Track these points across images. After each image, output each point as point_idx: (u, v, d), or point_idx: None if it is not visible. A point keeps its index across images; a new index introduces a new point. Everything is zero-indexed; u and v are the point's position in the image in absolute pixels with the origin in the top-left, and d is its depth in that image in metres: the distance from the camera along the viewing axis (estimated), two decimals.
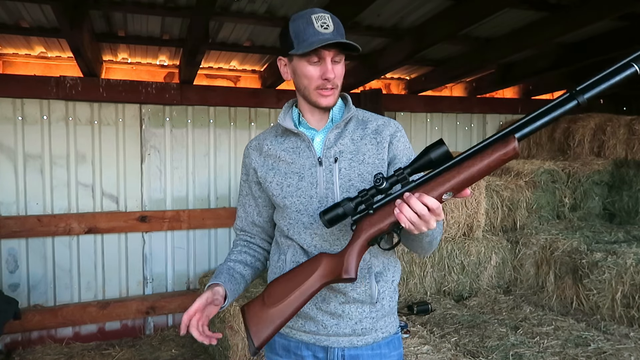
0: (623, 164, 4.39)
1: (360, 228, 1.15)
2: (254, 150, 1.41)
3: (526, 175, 4.19)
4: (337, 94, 1.31)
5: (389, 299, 1.32)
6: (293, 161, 1.32)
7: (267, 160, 1.36)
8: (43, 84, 3.73)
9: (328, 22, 1.22)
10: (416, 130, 5.12)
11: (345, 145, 1.31)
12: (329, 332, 1.29)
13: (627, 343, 2.77)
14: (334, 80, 1.26)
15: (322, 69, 1.24)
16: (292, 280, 1.17)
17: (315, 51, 1.22)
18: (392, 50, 3.85)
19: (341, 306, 1.28)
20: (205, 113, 4.31)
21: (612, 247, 3.47)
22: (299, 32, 1.23)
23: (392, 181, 1.11)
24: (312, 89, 1.28)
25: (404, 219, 1.05)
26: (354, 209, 1.14)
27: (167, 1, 2.97)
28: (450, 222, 3.63)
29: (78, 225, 3.87)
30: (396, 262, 1.37)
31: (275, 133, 1.39)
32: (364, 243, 1.15)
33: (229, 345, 2.96)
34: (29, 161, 3.79)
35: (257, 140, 1.43)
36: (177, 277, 4.28)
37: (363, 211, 1.15)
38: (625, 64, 0.99)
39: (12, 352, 3.65)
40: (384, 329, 1.33)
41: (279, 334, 1.35)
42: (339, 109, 1.37)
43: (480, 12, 2.98)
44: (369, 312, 1.29)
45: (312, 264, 1.18)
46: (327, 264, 1.17)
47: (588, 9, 3.08)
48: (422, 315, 3.18)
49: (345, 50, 1.26)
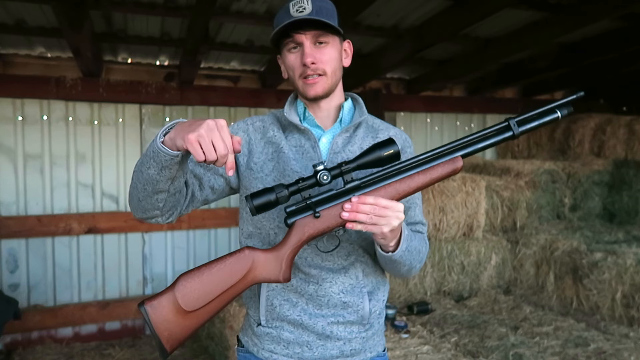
0: (623, 164, 4.39)
1: (299, 227, 1.04)
2: (256, 131, 1.24)
3: (526, 175, 4.19)
4: (325, 81, 1.17)
5: (378, 317, 1.24)
6: (295, 159, 1.18)
7: (268, 147, 1.21)
8: (43, 84, 3.72)
9: (305, 4, 1.10)
10: (416, 130, 5.12)
11: (354, 153, 1.18)
12: (314, 354, 1.17)
13: (627, 343, 2.77)
14: (316, 66, 1.13)
15: (300, 55, 1.14)
16: (216, 281, 1.01)
17: (290, 36, 1.13)
18: (392, 50, 3.85)
19: (330, 326, 1.17)
20: (205, 113, 4.31)
21: (612, 247, 3.47)
22: (276, 22, 1.15)
23: (334, 174, 1.02)
24: (297, 78, 1.17)
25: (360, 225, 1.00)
26: (287, 197, 1.02)
27: (167, 1, 2.97)
28: (450, 222, 3.63)
29: (78, 225, 3.87)
30: (385, 281, 1.27)
31: (280, 124, 1.25)
32: (301, 244, 1.05)
33: (229, 346, 2.96)
34: (29, 161, 3.79)
35: (262, 121, 1.26)
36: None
37: (303, 208, 1.04)
38: (549, 109, 1.10)
39: (12, 352, 3.65)
40: (373, 349, 1.24)
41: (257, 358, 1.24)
42: (349, 110, 1.26)
43: (480, 12, 2.98)
44: (358, 332, 1.19)
45: (239, 261, 1.03)
46: (260, 262, 1.04)
47: (588, 9, 3.08)
48: (422, 315, 3.18)
49: (322, 30, 1.13)
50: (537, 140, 5.20)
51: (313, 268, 1.17)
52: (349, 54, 1.25)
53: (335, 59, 1.18)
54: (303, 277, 1.17)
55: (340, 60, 1.21)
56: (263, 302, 1.19)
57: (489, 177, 4.15)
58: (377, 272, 1.24)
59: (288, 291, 1.18)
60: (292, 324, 1.18)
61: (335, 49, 1.17)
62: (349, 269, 1.18)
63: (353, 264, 1.18)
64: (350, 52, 1.26)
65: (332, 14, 1.16)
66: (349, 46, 1.25)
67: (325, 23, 1.11)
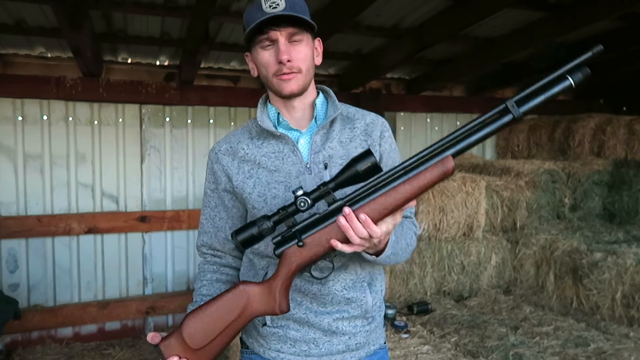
0: (623, 164, 4.39)
1: (287, 258, 1.04)
2: (225, 154, 1.22)
3: (526, 175, 4.19)
4: (300, 79, 1.14)
5: (378, 310, 1.27)
6: (276, 168, 1.16)
7: (242, 166, 1.19)
8: (43, 84, 3.72)
9: (278, 1, 1.08)
10: (416, 130, 5.12)
11: (334, 149, 1.18)
12: (321, 350, 1.19)
13: (627, 343, 2.77)
14: (292, 64, 1.11)
15: (275, 52, 1.11)
16: (216, 318, 1.05)
17: (264, 33, 1.11)
18: (392, 50, 3.85)
19: (335, 323, 1.18)
20: (205, 113, 4.31)
21: (612, 247, 3.47)
22: (248, 18, 1.13)
23: (314, 197, 1.01)
24: (270, 76, 1.15)
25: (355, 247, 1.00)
26: (271, 228, 1.03)
27: (167, 1, 2.97)
28: (450, 222, 3.63)
29: (78, 225, 3.87)
30: (380, 271, 1.29)
31: (250, 134, 1.22)
32: (291, 274, 1.05)
33: (229, 345, 2.96)
34: (29, 161, 3.79)
35: (228, 143, 1.24)
36: (177, 277, 4.28)
37: (288, 238, 1.04)
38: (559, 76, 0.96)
39: (12, 352, 3.65)
40: (375, 342, 1.27)
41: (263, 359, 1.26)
42: (322, 106, 1.23)
43: (480, 12, 2.99)
44: (362, 326, 1.22)
45: (237, 298, 1.06)
46: (256, 297, 1.06)
47: (588, 9, 3.09)
48: (422, 315, 3.18)
49: (297, 26, 1.11)
50: (537, 140, 5.20)
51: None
52: (319, 52, 1.23)
53: (310, 57, 1.16)
54: (307, 277, 1.16)
55: (313, 59, 1.19)
56: None
57: (489, 177, 4.15)
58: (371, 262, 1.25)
59: (292, 291, 1.18)
60: (297, 322, 1.19)
61: (308, 47, 1.16)
62: (348, 265, 1.20)
63: (351, 259, 1.20)
64: (321, 50, 1.23)
65: (305, 10, 1.14)
66: (319, 44, 1.23)
67: (300, 19, 1.10)
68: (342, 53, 4.07)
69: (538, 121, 5.26)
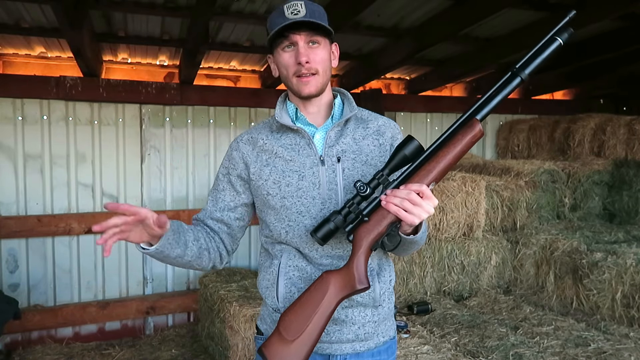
0: (623, 164, 4.39)
1: (359, 237, 1.14)
2: (246, 143, 1.32)
3: (526, 175, 4.18)
4: (319, 80, 1.24)
5: (388, 300, 1.31)
6: (292, 159, 1.25)
7: (261, 155, 1.28)
8: (43, 84, 3.73)
9: (300, 8, 1.19)
10: (416, 130, 5.12)
11: (348, 144, 1.27)
12: (331, 339, 1.25)
13: (627, 343, 2.77)
14: (310, 65, 1.21)
15: (295, 54, 1.21)
16: (306, 307, 1.14)
17: (285, 36, 1.20)
18: (392, 50, 3.85)
19: (344, 311, 1.24)
20: (205, 113, 4.31)
21: (612, 247, 3.47)
22: (272, 23, 1.22)
23: (373, 185, 1.12)
24: (290, 77, 1.24)
25: (394, 208, 1.07)
26: (343, 220, 1.14)
27: (167, 1, 2.97)
28: (450, 222, 3.63)
29: (78, 225, 3.87)
30: (389, 261, 1.35)
31: (270, 129, 1.31)
32: (367, 250, 1.14)
33: (228, 346, 2.96)
34: (29, 161, 3.79)
35: (250, 134, 1.34)
36: (177, 277, 4.28)
37: (355, 220, 1.14)
38: (550, 39, 1.18)
39: (12, 352, 3.65)
40: (384, 333, 1.32)
41: None
42: (339, 106, 1.33)
43: (480, 12, 2.99)
44: (372, 316, 1.27)
45: (320, 285, 1.15)
46: (337, 280, 1.15)
47: (588, 9, 3.08)
48: (422, 315, 3.18)
49: (315, 31, 1.21)
50: (537, 140, 5.20)
51: (325, 258, 1.25)
52: (336, 56, 1.33)
53: (326, 59, 1.26)
54: (317, 266, 1.25)
55: (329, 61, 1.28)
56: (281, 290, 1.26)
57: (489, 177, 4.15)
58: (380, 252, 1.31)
59: (304, 280, 1.25)
60: None
61: (325, 50, 1.25)
62: None
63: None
64: (337, 54, 1.33)
65: (323, 17, 1.25)
66: (336, 49, 1.32)
67: (319, 25, 1.20)
68: (342, 53, 4.01)
69: (538, 121, 5.26)
